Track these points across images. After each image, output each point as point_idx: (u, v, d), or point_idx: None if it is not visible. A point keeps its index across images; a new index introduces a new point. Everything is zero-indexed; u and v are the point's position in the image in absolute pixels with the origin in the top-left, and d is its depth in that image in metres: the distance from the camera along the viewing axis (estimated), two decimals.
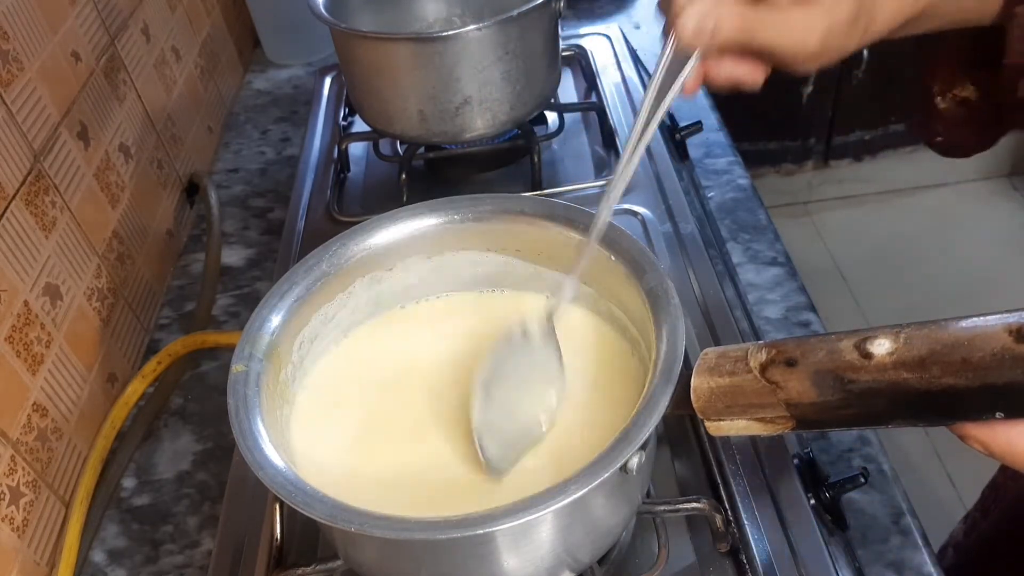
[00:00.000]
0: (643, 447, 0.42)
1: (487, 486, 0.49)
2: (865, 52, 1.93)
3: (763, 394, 0.42)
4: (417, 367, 0.57)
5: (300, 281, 0.54)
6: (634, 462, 0.41)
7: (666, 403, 0.42)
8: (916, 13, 0.49)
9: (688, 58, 0.46)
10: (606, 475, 0.40)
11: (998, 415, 0.35)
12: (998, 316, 0.35)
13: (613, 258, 0.53)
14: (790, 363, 0.41)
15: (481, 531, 0.39)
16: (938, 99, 0.52)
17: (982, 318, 0.35)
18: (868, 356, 0.38)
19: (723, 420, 0.44)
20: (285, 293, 0.53)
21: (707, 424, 0.45)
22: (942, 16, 0.50)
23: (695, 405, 0.44)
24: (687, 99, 0.50)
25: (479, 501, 0.41)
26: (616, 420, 0.49)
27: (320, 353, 0.56)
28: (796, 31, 0.46)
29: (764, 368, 0.42)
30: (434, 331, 0.59)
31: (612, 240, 0.53)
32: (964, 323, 0.36)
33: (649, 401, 0.43)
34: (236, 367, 0.48)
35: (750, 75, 0.49)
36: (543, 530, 0.44)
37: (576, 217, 0.55)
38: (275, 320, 0.51)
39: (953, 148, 0.48)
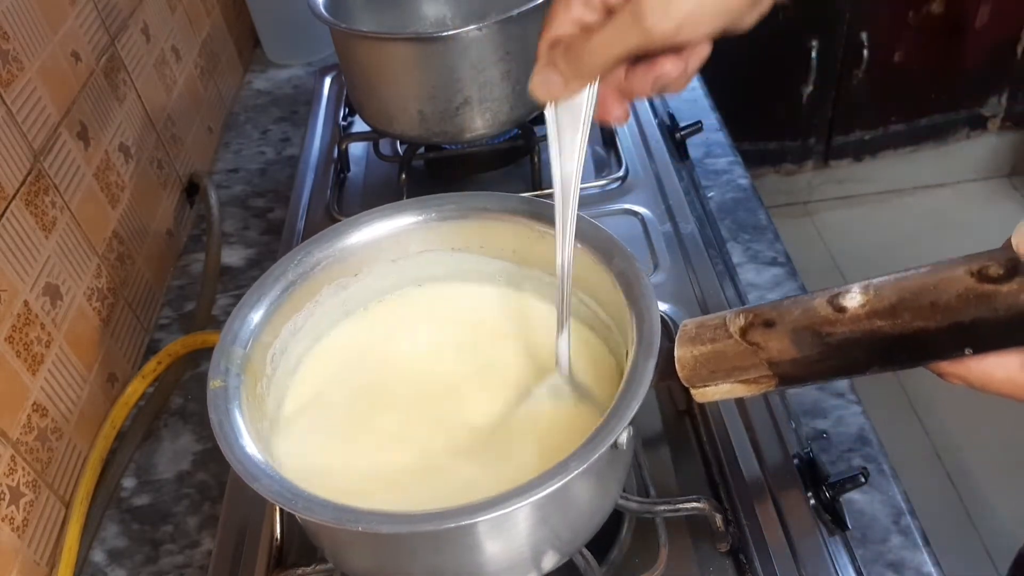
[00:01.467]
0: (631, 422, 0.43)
1: (475, 476, 0.49)
2: (865, 52, 1.93)
3: (745, 356, 0.43)
4: (391, 364, 0.57)
5: (268, 292, 0.53)
6: (624, 437, 0.43)
7: (650, 376, 0.43)
8: None
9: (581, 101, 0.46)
10: (603, 450, 0.41)
11: (967, 351, 0.38)
12: (958, 260, 0.37)
13: (579, 246, 0.53)
14: (768, 324, 0.43)
15: (494, 515, 0.39)
16: (911, 13, 0.51)
17: (944, 264, 0.38)
18: (842, 310, 0.40)
19: (708, 386, 0.46)
20: (255, 304, 0.52)
21: (693, 392, 0.46)
22: None
23: (681, 374, 0.46)
24: (619, 126, 0.48)
25: (468, 492, 0.41)
26: (597, 406, 0.50)
27: (293, 365, 0.56)
28: (619, 36, 0.42)
29: (744, 332, 0.43)
30: (404, 327, 0.59)
31: (577, 229, 0.53)
32: (928, 270, 0.38)
33: (633, 376, 0.44)
34: (214, 382, 0.47)
35: (647, 80, 0.45)
36: (538, 513, 0.44)
37: (538, 210, 0.56)
38: (246, 333, 0.51)
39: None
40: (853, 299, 0.40)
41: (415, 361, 0.57)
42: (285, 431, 0.53)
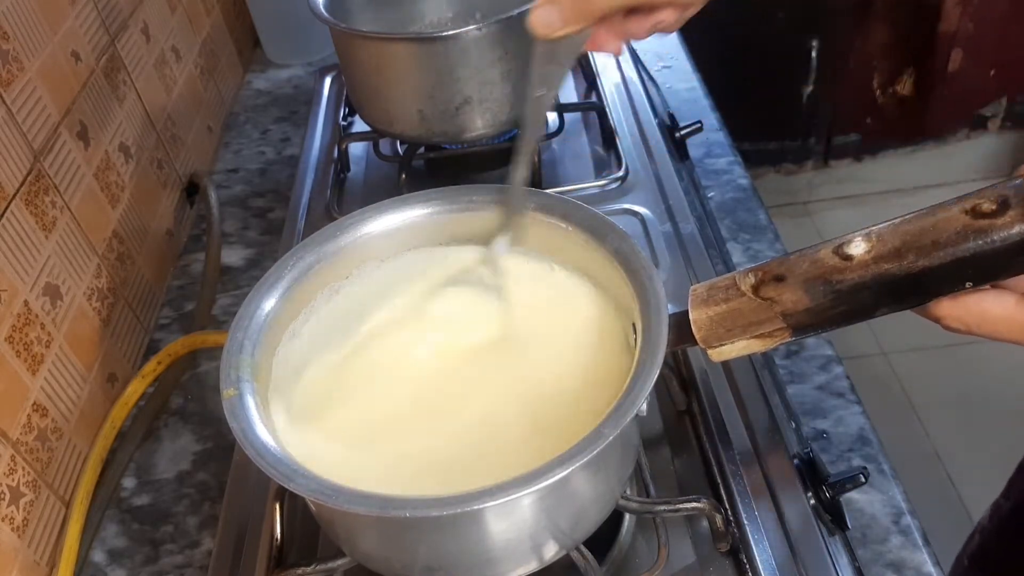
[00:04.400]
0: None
1: (486, 462, 0.49)
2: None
3: (760, 311, 0.46)
4: (392, 358, 0.57)
5: (266, 298, 0.53)
6: (644, 405, 0.43)
7: (665, 339, 0.45)
8: None
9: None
10: (631, 416, 0.42)
11: (967, 285, 0.40)
12: (951, 201, 0.40)
13: (569, 228, 0.54)
14: (779, 279, 0.45)
15: (540, 485, 0.39)
16: (877, 92, 0.52)
17: (938, 206, 0.41)
18: (848, 258, 0.43)
19: (724, 344, 0.47)
20: (254, 314, 0.52)
21: (709, 352, 0.48)
22: None
23: (697, 336, 0.47)
24: (615, 55, 0.52)
25: (479, 478, 0.41)
26: (603, 378, 0.51)
27: (295, 370, 0.56)
28: None
29: (756, 288, 0.46)
30: (399, 320, 0.58)
31: (566, 213, 0.55)
32: (924, 213, 0.41)
33: (647, 342, 0.45)
34: (227, 392, 0.47)
35: (644, 25, 0.48)
36: (571, 485, 0.45)
37: (523, 199, 0.56)
38: (251, 342, 0.51)
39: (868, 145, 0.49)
40: (858, 247, 0.42)
41: (415, 351, 0.57)
42: (293, 434, 0.53)
